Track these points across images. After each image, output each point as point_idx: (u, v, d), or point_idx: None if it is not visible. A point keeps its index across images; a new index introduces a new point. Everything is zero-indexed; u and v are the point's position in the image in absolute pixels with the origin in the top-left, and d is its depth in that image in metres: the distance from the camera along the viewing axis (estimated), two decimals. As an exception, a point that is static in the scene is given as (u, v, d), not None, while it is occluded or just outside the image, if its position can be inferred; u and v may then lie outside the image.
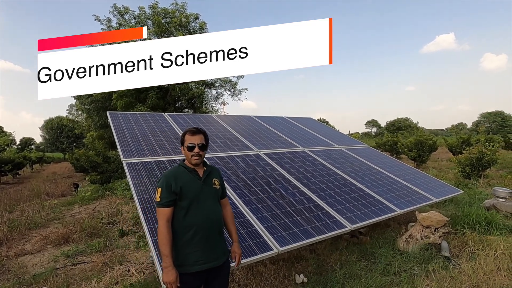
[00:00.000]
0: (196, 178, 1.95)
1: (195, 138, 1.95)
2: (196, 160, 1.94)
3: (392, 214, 3.76)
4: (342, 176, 4.55)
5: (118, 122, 4.63)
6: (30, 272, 3.89)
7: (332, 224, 3.24)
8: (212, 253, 1.90)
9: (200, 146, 1.95)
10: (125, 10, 16.14)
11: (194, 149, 1.93)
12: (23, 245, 4.94)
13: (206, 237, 1.88)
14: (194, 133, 1.97)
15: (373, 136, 57.04)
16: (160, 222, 1.82)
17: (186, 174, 1.93)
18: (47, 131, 49.35)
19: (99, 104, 16.98)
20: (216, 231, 1.94)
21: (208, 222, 1.89)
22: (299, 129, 6.60)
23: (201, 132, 2.00)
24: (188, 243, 1.85)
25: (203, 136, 2.00)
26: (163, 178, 1.90)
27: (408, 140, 13.92)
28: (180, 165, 2.00)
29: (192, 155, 1.93)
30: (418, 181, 5.04)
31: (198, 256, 1.85)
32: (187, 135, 1.98)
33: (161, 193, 1.85)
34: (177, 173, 1.93)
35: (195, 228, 1.86)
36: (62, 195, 9.84)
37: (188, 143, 1.95)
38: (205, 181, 1.97)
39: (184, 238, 1.85)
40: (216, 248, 1.93)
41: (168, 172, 1.93)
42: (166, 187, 1.85)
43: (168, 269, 1.76)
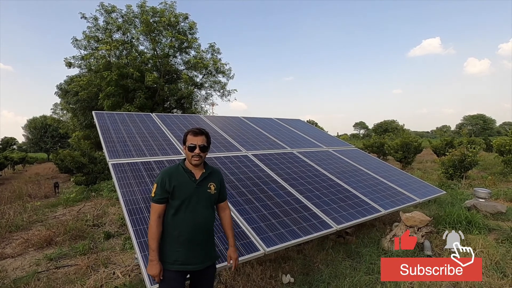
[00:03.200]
0: (191, 180, 1.93)
1: (197, 139, 1.94)
2: (196, 161, 1.93)
3: (377, 214, 3.84)
4: (329, 177, 4.61)
5: (104, 122, 4.55)
6: (10, 277, 3.77)
7: (319, 224, 3.29)
8: (194, 257, 1.89)
9: (201, 147, 1.94)
10: (112, 8, 15.86)
11: (195, 150, 1.92)
12: (3, 248, 4.79)
13: (190, 239, 1.87)
14: (197, 134, 1.96)
15: (361, 138, 58.00)
16: (152, 217, 1.86)
17: (182, 174, 1.93)
18: (30, 131, 47.81)
19: (85, 103, 16.64)
20: (202, 235, 1.92)
21: (195, 225, 1.88)
22: (288, 131, 6.65)
23: (203, 133, 1.99)
24: (172, 241, 1.87)
25: (205, 138, 1.99)
26: (160, 174, 1.93)
27: (395, 142, 14.24)
28: (180, 165, 2.00)
29: (192, 156, 1.93)
30: (402, 182, 5.17)
31: (178, 256, 1.86)
32: (189, 135, 1.97)
33: (156, 189, 1.89)
34: (173, 172, 1.94)
35: (181, 228, 1.86)
36: (46, 197, 9.57)
37: (189, 143, 1.94)
38: (200, 183, 1.95)
39: (170, 236, 1.88)
40: (200, 252, 1.92)
41: (166, 170, 1.95)
42: (161, 184, 1.87)
43: (153, 263, 1.81)
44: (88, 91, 15.28)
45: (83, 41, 15.95)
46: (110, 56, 15.58)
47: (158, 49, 16.73)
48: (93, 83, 15.18)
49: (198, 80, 18.27)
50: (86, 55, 15.48)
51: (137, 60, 15.78)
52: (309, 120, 56.03)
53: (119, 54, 15.95)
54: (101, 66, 15.06)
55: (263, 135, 5.89)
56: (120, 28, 15.92)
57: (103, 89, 14.76)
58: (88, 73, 16.18)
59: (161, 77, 16.54)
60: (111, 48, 14.79)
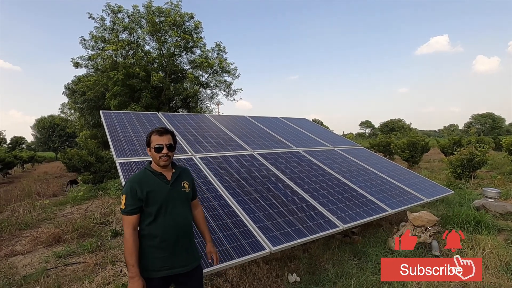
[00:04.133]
0: (163, 182, 1.84)
1: (163, 139, 1.84)
2: (165, 161, 1.84)
3: (384, 214, 3.81)
4: (335, 176, 4.59)
5: (111, 121, 4.59)
6: (20, 273, 3.83)
7: (325, 223, 3.27)
8: (180, 259, 1.83)
9: (169, 146, 1.85)
10: (119, 8, 16.01)
11: (162, 150, 1.82)
12: (13, 245, 4.87)
13: (174, 243, 1.81)
14: (162, 133, 1.86)
15: (367, 137, 57.58)
16: (126, 231, 1.73)
17: (152, 179, 1.83)
18: (38, 130, 48.60)
19: (92, 103, 16.84)
20: (185, 236, 1.87)
21: (177, 228, 1.82)
22: (293, 130, 6.63)
23: (168, 132, 1.90)
24: (155, 248, 1.78)
25: (171, 136, 1.90)
26: (127, 184, 1.79)
27: (401, 141, 14.10)
28: (146, 169, 1.89)
29: (160, 157, 1.83)
30: (409, 181, 5.11)
31: (164, 261, 1.79)
32: (153, 136, 1.86)
33: (125, 200, 1.75)
34: (142, 178, 1.82)
35: (163, 234, 1.78)
36: (54, 195, 9.71)
37: (155, 144, 1.83)
38: (174, 184, 1.87)
39: (151, 243, 1.78)
40: (185, 254, 1.87)
41: (133, 178, 1.82)
42: (131, 193, 1.75)
43: (135, 279, 1.69)
44: (95, 90, 15.47)
45: (90, 41, 16.15)
46: (116, 56, 15.74)
47: (164, 49, 16.84)
48: (100, 83, 15.36)
49: (203, 79, 18.34)
50: (93, 55, 15.66)
51: (143, 60, 15.92)
52: (315, 119, 55.81)
53: (125, 54, 16.11)
54: (108, 66, 15.22)
55: (269, 134, 5.88)
56: (126, 28, 16.07)
57: (109, 88, 14.92)
58: (95, 73, 16.39)
59: (167, 76, 16.65)
60: (117, 48, 14.95)
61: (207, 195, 3.29)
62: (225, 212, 3.06)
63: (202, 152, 4.35)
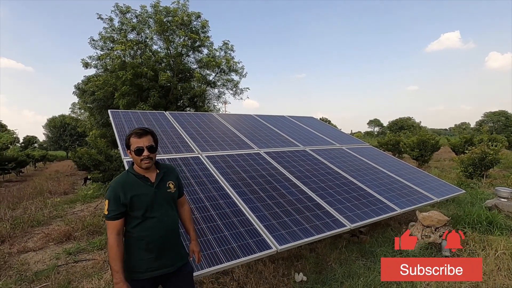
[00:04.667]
0: (147, 185, 1.79)
1: (143, 140, 1.75)
2: (147, 163, 1.77)
3: (392, 214, 3.76)
4: (343, 175, 4.54)
5: (119, 120, 4.65)
6: (32, 269, 3.92)
7: (332, 223, 3.24)
8: (166, 260, 1.81)
9: (149, 148, 1.77)
10: (127, 9, 16.17)
11: (143, 153, 1.75)
12: (25, 242, 4.97)
13: (161, 244, 1.79)
14: (141, 135, 1.77)
15: (376, 136, 56.90)
16: (109, 236, 1.69)
17: (136, 182, 1.77)
18: (50, 130, 49.63)
19: (101, 102, 17.06)
20: (172, 237, 1.85)
21: (163, 229, 1.79)
22: (300, 128, 6.59)
23: (148, 132, 1.81)
24: (142, 250, 1.76)
25: (151, 137, 1.81)
26: (110, 188, 1.74)
27: (411, 140, 13.88)
28: (129, 172, 1.82)
29: (141, 159, 1.75)
30: (419, 180, 5.02)
31: (150, 263, 1.76)
32: (132, 138, 1.77)
33: (108, 206, 1.71)
34: (125, 182, 1.76)
35: (149, 236, 1.75)
36: (65, 193, 9.91)
37: (135, 146, 1.75)
38: (158, 186, 1.82)
39: (137, 245, 1.76)
40: (172, 254, 1.85)
41: (116, 182, 1.76)
42: (114, 199, 1.70)
43: (119, 285, 1.64)
44: (104, 90, 15.66)
45: (99, 42, 16.36)
46: (125, 56, 15.91)
47: (171, 48, 16.95)
48: (109, 83, 15.54)
49: (210, 78, 18.39)
50: (102, 55, 15.87)
51: (151, 59, 16.04)
52: (322, 118, 55.43)
53: (133, 54, 16.27)
54: (117, 66, 15.40)
55: (275, 133, 5.86)
56: (134, 28, 16.22)
57: (118, 88, 15.10)
58: (104, 73, 16.60)
59: (174, 76, 16.76)
60: (126, 48, 15.10)
61: (213, 193, 3.29)
62: (232, 210, 3.06)
63: (209, 151, 4.36)
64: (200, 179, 3.53)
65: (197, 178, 3.52)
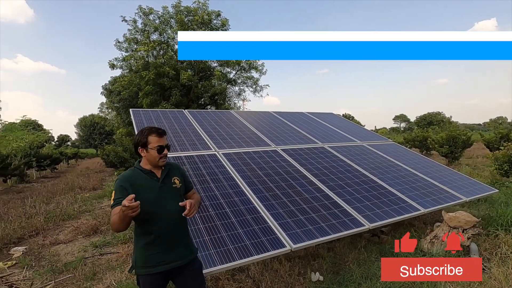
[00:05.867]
0: (153, 180, 1.86)
1: (163, 140, 1.87)
2: (163, 162, 1.87)
3: (415, 213, 3.58)
4: (363, 173, 4.39)
5: (139, 119, 4.80)
6: (62, 260, 4.16)
7: (349, 222, 3.15)
8: (176, 253, 1.86)
9: (167, 147, 1.89)
10: (150, 10, 16.62)
11: (164, 151, 1.85)
12: (57, 235, 5.29)
13: (169, 238, 1.83)
14: (162, 135, 1.88)
15: (402, 132, 54.61)
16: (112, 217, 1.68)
17: (142, 177, 1.84)
18: (81, 129, 52.47)
19: (127, 102, 17.72)
20: (179, 231, 1.89)
21: (171, 224, 1.83)
22: (319, 125, 6.46)
23: (165, 133, 1.94)
24: (150, 245, 1.80)
25: (166, 137, 1.95)
26: (117, 181, 1.80)
27: (439, 136, 13.19)
28: (136, 168, 1.89)
29: (161, 157, 1.85)
30: (446, 178, 4.75)
31: (160, 257, 1.80)
32: (153, 137, 1.85)
33: (115, 195, 1.75)
34: (132, 176, 1.83)
35: (156, 231, 1.79)
36: (93, 189, 10.43)
37: (157, 145, 1.83)
38: (164, 181, 1.88)
39: (146, 240, 1.81)
40: (181, 248, 1.89)
41: (123, 176, 1.83)
42: (120, 189, 1.75)
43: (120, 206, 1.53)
44: (129, 90, 16.27)
45: (124, 43, 16.99)
46: (148, 56, 16.39)
47: (192, 47, 17.19)
48: (134, 83, 16.11)
49: (231, 76, 18.50)
50: (127, 57, 16.47)
51: (173, 59, 16.40)
52: (345, 114, 54.11)
53: (156, 54, 16.72)
54: (140, 66, 15.91)
55: (293, 130, 5.78)
56: (157, 29, 16.65)
57: (142, 88, 15.60)
58: (129, 74, 17.21)
59: (195, 74, 17.03)
60: (149, 48, 15.54)
61: (229, 191, 3.31)
62: (246, 208, 3.06)
63: (226, 148, 4.38)
64: (216, 176, 3.56)
65: (213, 175, 3.55)
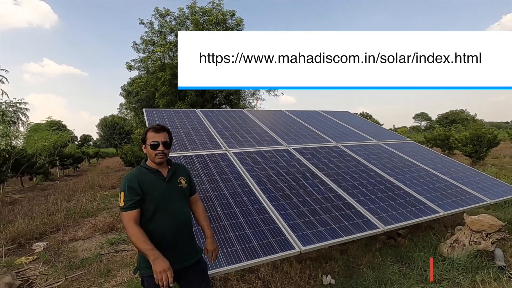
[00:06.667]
0: (159, 179, 1.83)
1: (159, 136, 1.83)
2: (161, 159, 1.82)
3: (434, 216, 3.40)
4: (378, 173, 4.23)
5: (152, 119, 4.86)
6: (79, 256, 4.28)
7: (363, 224, 3.03)
8: (181, 254, 1.83)
9: (165, 143, 1.83)
10: (166, 12, 16.93)
11: (159, 148, 1.81)
12: (76, 231, 5.46)
13: (174, 239, 1.80)
14: (158, 131, 1.84)
15: (423, 131, 52.68)
16: (127, 225, 1.68)
17: (148, 176, 1.82)
18: (102, 129, 54.39)
19: (144, 102, 18.16)
20: (184, 232, 1.87)
21: (176, 225, 1.81)
22: (333, 123, 6.31)
23: (165, 129, 1.88)
24: (155, 246, 1.72)
25: (167, 134, 1.88)
26: (124, 181, 1.78)
27: (463, 134, 12.58)
28: (142, 167, 1.88)
29: (156, 154, 1.81)
30: (469, 179, 4.49)
31: (165, 258, 1.71)
32: (150, 133, 1.85)
33: (124, 197, 1.72)
34: (139, 175, 1.80)
35: (162, 232, 1.77)
36: (112, 187, 10.73)
37: (151, 141, 1.82)
38: (170, 181, 1.86)
39: (151, 240, 1.73)
40: (185, 249, 1.87)
41: (130, 175, 1.81)
42: (129, 190, 1.73)
43: (159, 259, 1.60)
44: (146, 91, 16.66)
45: (141, 45, 17.40)
46: (164, 57, 16.70)
47: (207, 48, 17.35)
48: (150, 84, 16.47)
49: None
50: (144, 58, 16.86)
51: (188, 59, 16.60)
52: (363, 113, 52.88)
53: (172, 55, 17.01)
54: (157, 67, 16.24)
55: (306, 129, 5.67)
56: (173, 30, 16.94)
57: (158, 88, 15.92)
58: (146, 75, 17.62)
59: (210, 74, 17.15)
60: (165, 50, 15.84)
61: (238, 190, 3.28)
62: (255, 208, 3.01)
63: (237, 147, 4.36)
64: (225, 175, 3.53)
65: (223, 175, 3.53)
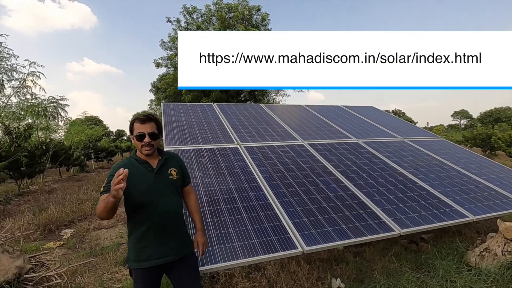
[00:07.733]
0: (148, 170, 1.79)
1: (145, 127, 1.76)
2: (148, 150, 1.78)
3: (461, 220, 3.06)
4: (400, 172, 3.92)
5: (168, 111, 4.92)
6: (100, 244, 4.47)
7: (376, 225, 2.80)
8: (169, 247, 1.77)
9: (151, 134, 1.77)
10: (193, 9, 17.20)
11: (144, 139, 1.76)
12: (101, 220, 5.73)
13: (161, 231, 1.75)
14: (144, 121, 1.78)
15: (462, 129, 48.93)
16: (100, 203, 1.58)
17: (136, 167, 1.78)
18: (134, 124, 56.97)
19: (171, 98, 18.68)
20: (173, 224, 1.80)
21: (164, 217, 1.75)
22: (355, 119, 5.98)
23: (151, 119, 1.81)
24: (141, 238, 1.74)
25: (154, 124, 1.81)
26: (111, 170, 1.76)
27: (507, 133, 11.45)
28: (132, 157, 1.84)
29: (142, 145, 1.77)
30: (506, 181, 4.02)
31: (151, 251, 1.73)
32: (136, 124, 1.79)
33: (105, 183, 1.70)
34: (126, 165, 1.74)
35: (148, 223, 1.73)
36: (138, 179, 11.19)
37: (137, 132, 1.76)
38: (159, 172, 1.81)
39: (137, 233, 1.75)
40: (175, 242, 1.80)
41: (117, 165, 1.79)
42: (110, 178, 1.67)
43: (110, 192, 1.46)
44: (174, 87, 17.10)
45: (168, 43, 17.88)
46: (190, 54, 16.99)
47: (232, 44, 17.40)
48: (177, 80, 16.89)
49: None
50: (171, 55, 17.30)
51: (213, 56, 16.77)
52: (395, 110, 50.37)
53: (198, 52, 17.27)
54: (183, 64, 16.59)
55: (325, 124, 5.43)
56: (199, 27, 17.18)
57: (185, 85, 16.28)
58: (174, 71, 18.09)
59: (235, 70, 17.20)
60: (191, 46, 16.11)
61: (244, 185, 3.18)
62: (260, 204, 2.90)
63: (249, 141, 4.26)
64: (233, 169, 3.46)
65: (231, 169, 3.46)
